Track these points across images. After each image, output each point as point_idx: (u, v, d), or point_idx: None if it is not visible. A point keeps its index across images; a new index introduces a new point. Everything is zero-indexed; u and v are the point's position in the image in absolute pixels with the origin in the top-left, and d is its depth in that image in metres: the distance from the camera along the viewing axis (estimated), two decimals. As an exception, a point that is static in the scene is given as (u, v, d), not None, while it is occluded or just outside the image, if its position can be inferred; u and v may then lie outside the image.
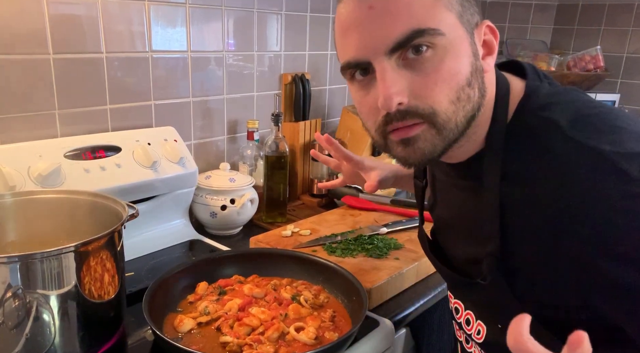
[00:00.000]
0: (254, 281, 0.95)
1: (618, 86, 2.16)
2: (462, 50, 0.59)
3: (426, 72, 0.57)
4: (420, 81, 0.58)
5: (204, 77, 1.36)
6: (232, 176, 1.30)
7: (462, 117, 0.60)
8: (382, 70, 0.58)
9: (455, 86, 0.58)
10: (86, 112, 1.15)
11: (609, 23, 2.15)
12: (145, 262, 1.08)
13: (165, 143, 1.19)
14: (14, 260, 0.67)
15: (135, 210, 0.85)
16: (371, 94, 0.61)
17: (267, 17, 1.48)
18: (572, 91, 0.64)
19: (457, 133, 0.60)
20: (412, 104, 0.58)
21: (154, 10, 1.21)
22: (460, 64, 0.58)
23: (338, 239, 1.14)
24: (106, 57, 1.15)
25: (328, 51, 1.72)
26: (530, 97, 0.62)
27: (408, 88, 0.58)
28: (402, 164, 0.64)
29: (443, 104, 0.58)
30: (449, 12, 0.58)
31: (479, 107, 0.61)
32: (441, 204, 0.78)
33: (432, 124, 0.59)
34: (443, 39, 0.57)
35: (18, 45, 1.01)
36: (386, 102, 0.57)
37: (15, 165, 0.95)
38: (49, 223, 0.87)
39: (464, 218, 0.70)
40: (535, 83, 0.64)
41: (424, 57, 0.57)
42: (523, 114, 0.62)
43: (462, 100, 0.59)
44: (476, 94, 0.61)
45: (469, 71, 0.59)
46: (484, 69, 0.62)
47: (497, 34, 0.64)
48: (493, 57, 0.63)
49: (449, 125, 0.59)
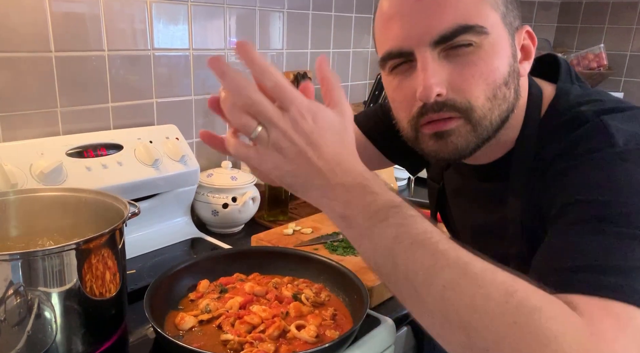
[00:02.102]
0: (255, 279, 0.95)
1: (622, 84, 2.16)
2: (502, 50, 0.60)
3: (467, 66, 0.58)
4: (459, 75, 0.58)
5: (206, 75, 1.36)
6: (233, 175, 1.30)
7: (497, 116, 0.60)
8: (423, 60, 0.58)
9: (492, 83, 0.59)
10: (88, 110, 1.15)
11: (612, 21, 2.14)
12: (146, 260, 1.09)
13: (167, 140, 1.19)
14: (15, 257, 0.67)
15: (137, 208, 0.86)
16: (408, 84, 0.61)
17: (269, 15, 1.48)
18: (602, 92, 0.65)
19: (490, 131, 0.61)
20: (450, 97, 0.58)
21: (156, 7, 1.21)
22: (499, 63, 0.59)
23: (340, 237, 1.14)
24: (108, 55, 1.15)
25: (330, 49, 1.71)
26: (560, 98, 0.64)
27: (447, 80, 0.58)
28: (431, 158, 0.64)
29: (480, 100, 0.59)
30: (494, 12, 0.59)
31: (513, 109, 0.62)
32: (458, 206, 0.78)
33: (468, 120, 0.59)
34: (487, 38, 0.58)
35: (20, 43, 1.01)
36: (426, 92, 0.57)
37: (17, 163, 0.95)
38: (51, 220, 0.87)
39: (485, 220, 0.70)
40: (566, 85, 0.65)
41: (465, 52, 0.58)
42: (553, 113, 0.63)
43: (499, 98, 0.60)
44: (512, 95, 0.61)
45: (507, 71, 0.60)
46: (520, 73, 0.63)
47: (535, 41, 0.65)
48: (529, 62, 0.65)
49: (484, 122, 0.60)
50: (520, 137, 0.64)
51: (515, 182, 0.63)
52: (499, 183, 0.66)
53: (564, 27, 2.28)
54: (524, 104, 0.65)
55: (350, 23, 1.75)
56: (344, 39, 1.75)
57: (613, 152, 0.53)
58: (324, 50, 1.69)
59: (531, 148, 0.63)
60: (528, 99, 0.65)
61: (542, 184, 0.60)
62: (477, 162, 0.69)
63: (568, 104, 0.62)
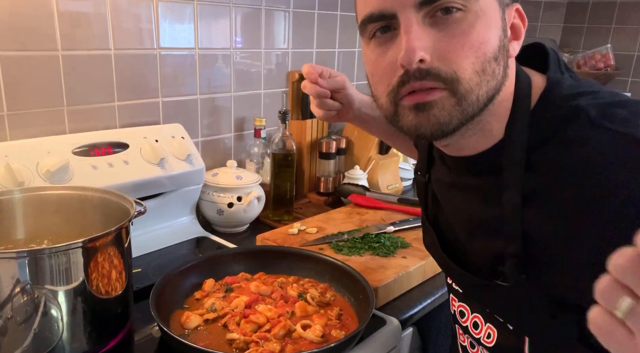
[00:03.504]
0: (261, 278, 0.95)
1: (629, 85, 2.14)
2: (492, 20, 0.55)
3: (454, 34, 0.54)
4: (446, 43, 0.54)
5: (212, 74, 1.36)
6: (239, 174, 1.30)
7: (484, 92, 0.56)
8: (407, 22, 0.54)
9: (482, 56, 0.55)
10: (94, 109, 1.15)
11: (619, 21, 2.13)
12: (152, 259, 1.09)
13: (172, 140, 1.20)
14: (22, 255, 0.67)
15: (143, 207, 0.86)
16: (389, 53, 0.57)
17: (275, 15, 1.48)
18: (594, 83, 0.61)
19: (476, 108, 0.56)
20: (435, 65, 0.54)
21: (162, 7, 1.21)
22: (490, 34, 0.55)
23: (345, 237, 1.14)
24: (114, 54, 1.15)
25: (336, 49, 1.71)
26: (554, 88, 0.59)
27: (432, 47, 0.54)
28: (411, 135, 0.60)
29: (467, 72, 0.54)
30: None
31: (500, 89, 0.58)
32: (448, 202, 0.74)
33: (453, 93, 0.55)
34: (476, 3, 0.54)
35: (27, 42, 1.02)
36: (408, 55, 0.53)
37: (24, 161, 0.96)
38: (57, 218, 0.87)
39: (478, 216, 0.66)
40: (557, 76, 0.61)
41: (453, 18, 0.54)
42: (546, 105, 0.59)
43: (487, 73, 0.55)
44: (500, 73, 0.57)
45: (497, 44, 0.56)
46: (509, 53, 0.58)
47: (526, 21, 0.61)
48: (519, 43, 0.60)
49: (469, 97, 0.55)
50: (509, 128, 0.60)
51: (509, 178, 0.58)
52: (490, 177, 0.62)
53: (571, 27, 2.27)
54: (511, 91, 0.60)
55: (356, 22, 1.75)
56: (350, 38, 1.75)
57: None
58: (330, 49, 1.69)
59: (524, 141, 0.58)
60: (516, 86, 0.61)
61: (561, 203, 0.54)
62: (462, 153, 0.64)
63: (562, 95, 0.58)
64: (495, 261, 0.62)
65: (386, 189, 1.61)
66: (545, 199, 0.56)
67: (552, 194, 0.55)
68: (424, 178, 0.79)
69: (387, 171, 1.63)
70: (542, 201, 0.56)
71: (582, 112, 0.55)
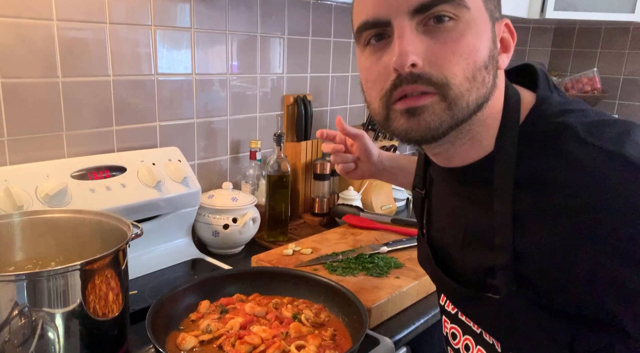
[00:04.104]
0: (256, 299, 0.96)
1: (616, 107, 2.19)
2: (483, 31, 0.58)
3: (445, 41, 0.56)
4: (438, 49, 0.56)
5: (208, 98, 1.39)
6: (234, 196, 1.32)
7: (474, 98, 0.58)
8: (401, 29, 0.56)
9: (472, 64, 0.57)
10: (93, 134, 1.17)
11: (605, 46, 2.20)
12: (148, 281, 1.10)
13: (169, 163, 1.22)
14: (21, 278, 0.69)
15: (140, 229, 0.87)
16: (383, 59, 0.59)
17: (270, 41, 1.52)
18: (582, 102, 0.64)
19: (466, 113, 0.58)
20: (426, 70, 0.56)
21: (160, 34, 1.25)
22: (480, 43, 0.57)
23: (339, 258, 1.15)
24: (113, 80, 1.18)
25: (329, 73, 1.75)
26: (543, 104, 0.61)
27: (424, 53, 0.56)
28: (402, 138, 0.61)
29: (458, 78, 0.56)
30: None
31: (490, 98, 0.60)
32: (439, 216, 0.76)
33: (443, 97, 0.57)
34: (467, 13, 0.56)
35: (28, 69, 1.05)
36: (401, 59, 0.55)
37: (23, 185, 0.97)
38: (55, 241, 0.89)
39: (468, 228, 0.67)
40: (546, 93, 0.63)
41: (445, 27, 0.56)
42: (536, 119, 0.61)
43: (478, 81, 0.57)
44: (490, 81, 0.59)
45: (487, 54, 0.58)
46: (499, 64, 0.61)
47: (515, 36, 0.64)
48: (508, 56, 0.63)
49: (460, 102, 0.57)
50: (499, 140, 0.61)
51: (500, 189, 0.60)
52: (481, 188, 0.63)
53: (559, 51, 2.33)
54: (501, 104, 0.62)
55: (349, 48, 1.80)
56: (343, 63, 1.79)
57: None
58: (323, 74, 1.73)
59: (513, 153, 0.60)
60: (505, 100, 0.63)
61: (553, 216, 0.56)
62: (452, 164, 0.66)
63: (551, 111, 0.60)
64: (487, 273, 0.63)
65: (380, 209, 1.63)
66: (535, 215, 0.57)
67: (543, 211, 0.56)
68: (421, 193, 0.80)
69: (380, 191, 1.65)
70: (532, 218, 0.57)
71: (570, 129, 0.57)
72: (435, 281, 0.79)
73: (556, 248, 0.55)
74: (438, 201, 0.76)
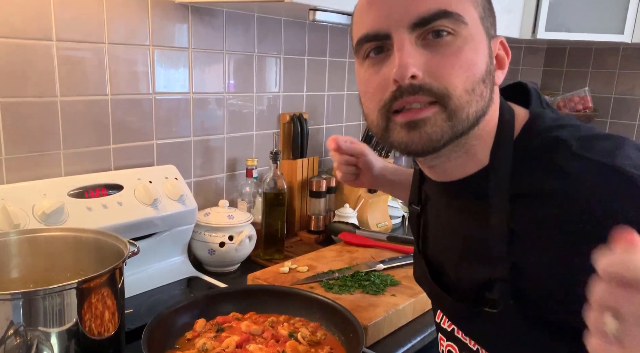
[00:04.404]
0: (252, 318, 0.96)
1: (608, 126, 2.22)
2: (480, 46, 0.59)
3: (444, 54, 0.57)
4: (437, 62, 0.57)
5: (205, 117, 1.41)
6: (230, 213, 1.32)
7: (473, 111, 0.59)
8: (400, 41, 0.57)
9: (471, 76, 0.58)
10: (90, 152, 1.18)
11: (596, 65, 2.24)
12: (143, 299, 1.09)
13: (166, 181, 1.22)
14: (17, 296, 0.68)
15: (136, 247, 0.87)
16: (382, 71, 0.60)
17: (267, 60, 1.54)
18: (574, 118, 0.65)
19: (466, 126, 0.59)
20: (427, 81, 0.57)
21: (158, 54, 1.26)
22: (478, 58, 0.59)
23: (335, 275, 1.16)
24: (111, 99, 1.19)
25: (325, 92, 1.77)
26: (537, 119, 0.63)
27: (425, 65, 0.57)
28: (402, 150, 0.61)
29: (458, 90, 0.57)
30: (473, 9, 0.59)
31: (487, 111, 0.61)
32: (435, 231, 0.76)
33: (444, 108, 0.57)
34: (465, 28, 0.58)
35: (27, 89, 1.06)
36: (401, 70, 0.56)
37: (20, 204, 0.98)
38: (52, 260, 0.89)
39: (464, 242, 0.68)
40: (539, 109, 0.65)
41: (444, 41, 0.57)
42: (530, 134, 0.62)
43: (477, 93, 0.58)
44: (487, 95, 0.60)
45: (485, 69, 0.59)
46: (494, 80, 0.62)
47: (509, 53, 0.66)
48: (503, 72, 0.65)
49: (460, 114, 0.58)
50: (494, 154, 0.63)
51: (496, 202, 0.60)
52: (476, 202, 0.64)
53: (551, 71, 2.37)
54: (496, 119, 0.64)
55: (344, 67, 1.82)
56: (339, 82, 1.82)
57: None
58: (319, 93, 1.75)
59: (508, 167, 0.61)
60: (500, 115, 0.64)
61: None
62: (446, 178, 0.67)
63: (544, 126, 0.62)
64: (484, 287, 0.63)
65: (376, 227, 1.63)
66: (530, 228, 0.58)
67: (538, 223, 0.57)
68: (417, 209, 0.81)
69: (376, 209, 1.66)
70: (527, 230, 0.58)
71: (563, 143, 0.58)
72: (432, 298, 0.79)
73: (552, 260, 0.56)
74: (434, 216, 0.77)
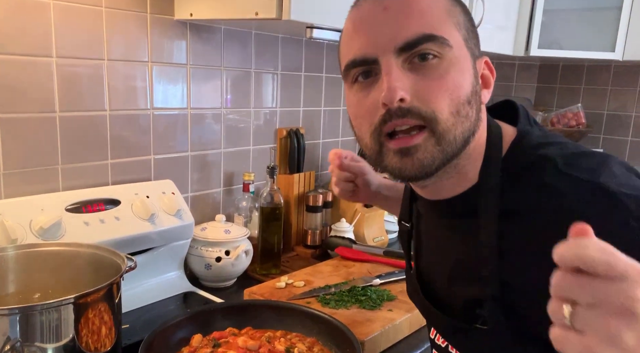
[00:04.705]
0: (248, 333, 0.96)
1: (601, 142, 2.25)
2: (465, 68, 0.61)
3: (431, 78, 0.59)
4: (424, 85, 0.58)
5: (202, 132, 1.42)
6: (227, 228, 1.32)
7: (460, 132, 0.60)
8: (388, 66, 0.59)
9: (457, 99, 0.59)
10: (88, 167, 1.19)
11: (589, 82, 2.27)
12: (140, 315, 1.09)
13: (163, 195, 1.23)
14: (14, 312, 0.69)
15: (134, 262, 0.87)
16: (371, 95, 0.61)
17: (264, 76, 1.56)
18: (561, 136, 0.66)
19: (455, 147, 0.60)
20: (415, 104, 0.58)
21: (156, 70, 1.28)
22: (463, 80, 0.60)
23: (332, 290, 1.16)
24: (110, 115, 1.20)
25: (321, 107, 1.79)
26: (524, 137, 0.64)
27: (412, 89, 0.58)
28: (395, 176, 0.63)
29: (444, 113, 0.58)
30: (457, 32, 0.61)
31: (475, 132, 0.62)
32: (427, 248, 0.77)
33: (432, 132, 0.59)
34: (450, 51, 0.59)
35: (27, 104, 1.06)
36: (390, 94, 0.57)
37: (18, 219, 0.98)
38: (49, 275, 0.89)
39: (456, 259, 0.68)
40: (526, 127, 0.66)
41: (430, 64, 0.59)
42: (517, 152, 0.63)
43: (462, 115, 0.60)
44: (474, 116, 0.61)
45: (470, 90, 0.61)
46: (481, 100, 0.63)
47: (494, 72, 0.67)
48: (489, 91, 0.66)
49: (447, 136, 0.59)
50: (483, 172, 0.64)
51: (485, 220, 0.61)
52: (467, 220, 0.64)
53: (544, 87, 2.40)
54: (484, 138, 0.65)
55: (340, 83, 1.84)
56: (335, 97, 1.84)
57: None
58: (316, 108, 1.77)
59: (497, 185, 0.62)
60: (488, 134, 0.65)
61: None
62: (438, 197, 0.68)
63: (531, 144, 0.63)
64: (475, 304, 0.64)
65: (372, 241, 1.64)
66: (519, 245, 0.59)
67: (526, 242, 0.58)
68: (407, 226, 0.82)
69: (372, 223, 1.67)
70: (516, 248, 0.59)
71: (549, 161, 0.59)
72: (425, 314, 0.80)
73: (540, 276, 0.55)
74: (425, 234, 0.78)
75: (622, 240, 0.48)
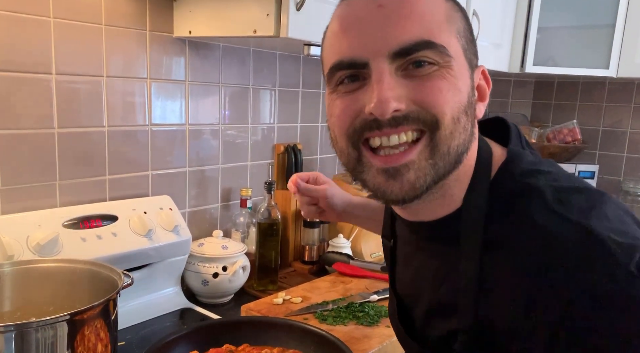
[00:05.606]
0: (245, 350, 0.95)
1: (597, 158, 2.26)
2: (463, 77, 0.56)
3: (431, 80, 0.53)
4: (422, 89, 0.53)
5: (200, 147, 1.42)
6: (224, 244, 1.32)
7: (455, 145, 0.55)
8: (379, 72, 0.53)
9: (457, 103, 0.54)
10: (86, 183, 1.19)
11: (584, 98, 2.29)
12: (136, 331, 1.08)
13: (160, 211, 1.23)
14: (10, 329, 0.68)
15: (131, 278, 0.87)
16: (358, 99, 0.55)
17: (262, 93, 1.57)
18: (553, 163, 0.61)
19: (447, 163, 0.55)
20: (413, 109, 0.53)
21: (155, 87, 1.29)
22: (461, 87, 0.55)
23: (329, 307, 1.15)
24: (108, 131, 1.21)
25: (319, 123, 1.80)
26: (513, 161, 0.59)
27: (407, 95, 0.53)
28: (377, 198, 0.57)
29: (447, 117, 0.53)
30: (457, 41, 0.56)
31: (468, 147, 0.57)
32: (405, 272, 0.72)
33: (430, 139, 0.53)
34: (450, 60, 0.54)
35: (25, 120, 1.07)
36: (381, 106, 0.51)
37: (15, 235, 0.98)
38: (46, 291, 0.88)
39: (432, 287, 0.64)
40: (517, 149, 0.61)
41: (425, 70, 0.53)
42: (505, 178, 0.58)
43: (461, 124, 0.54)
44: (469, 129, 0.57)
45: (467, 99, 0.56)
46: (476, 113, 0.59)
47: (490, 83, 0.62)
48: (484, 104, 0.61)
49: (442, 147, 0.54)
50: (468, 196, 0.58)
51: (467, 248, 0.57)
52: (448, 246, 0.60)
53: (540, 103, 2.42)
54: (474, 158, 0.60)
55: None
56: (332, 113, 1.85)
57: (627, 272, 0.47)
58: (313, 124, 1.78)
59: (482, 211, 0.56)
60: (478, 155, 0.60)
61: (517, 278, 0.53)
62: (419, 218, 0.62)
63: (521, 169, 0.58)
64: (449, 335, 0.60)
65: (370, 257, 1.63)
66: (498, 278, 0.54)
67: (507, 278, 0.54)
68: (389, 242, 0.77)
69: (370, 239, 1.66)
70: (496, 281, 0.55)
71: (538, 193, 0.54)
72: (400, 341, 0.75)
73: (517, 315, 0.52)
74: (404, 256, 0.73)
75: (606, 291, 0.47)
